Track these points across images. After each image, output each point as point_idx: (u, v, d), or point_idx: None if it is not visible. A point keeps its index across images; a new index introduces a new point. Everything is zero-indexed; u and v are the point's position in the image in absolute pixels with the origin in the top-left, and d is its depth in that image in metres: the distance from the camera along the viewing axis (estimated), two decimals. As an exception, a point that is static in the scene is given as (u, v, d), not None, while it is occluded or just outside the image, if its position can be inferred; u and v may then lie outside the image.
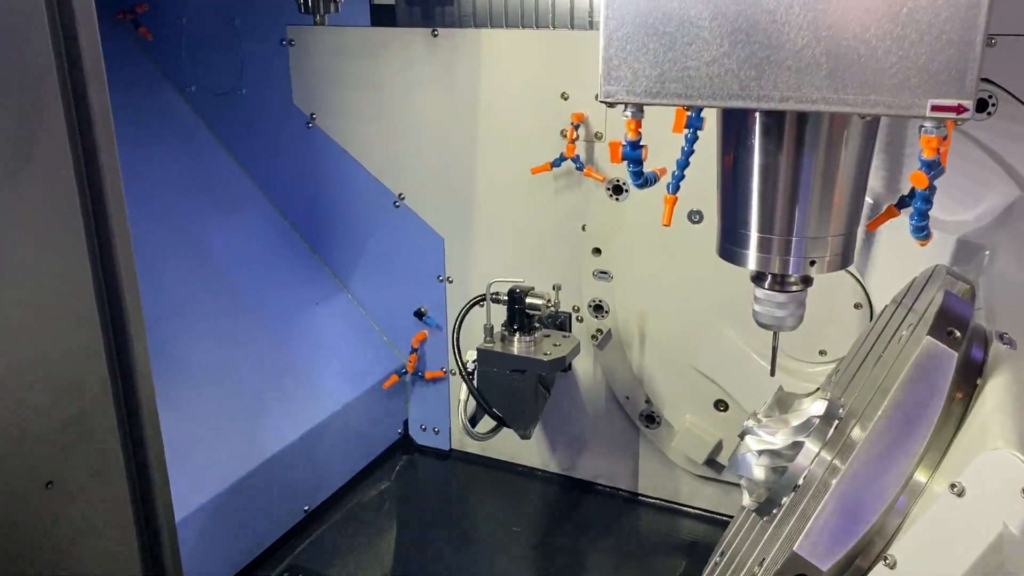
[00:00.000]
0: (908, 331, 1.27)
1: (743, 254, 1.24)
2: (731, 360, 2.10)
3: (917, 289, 1.45)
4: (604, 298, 2.24)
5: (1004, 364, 1.20)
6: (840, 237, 1.21)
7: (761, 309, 1.31)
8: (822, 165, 1.17)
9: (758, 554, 1.35)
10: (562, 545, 2.29)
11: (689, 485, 2.36)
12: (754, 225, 1.22)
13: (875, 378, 1.30)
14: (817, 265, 1.21)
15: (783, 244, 1.21)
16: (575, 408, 2.42)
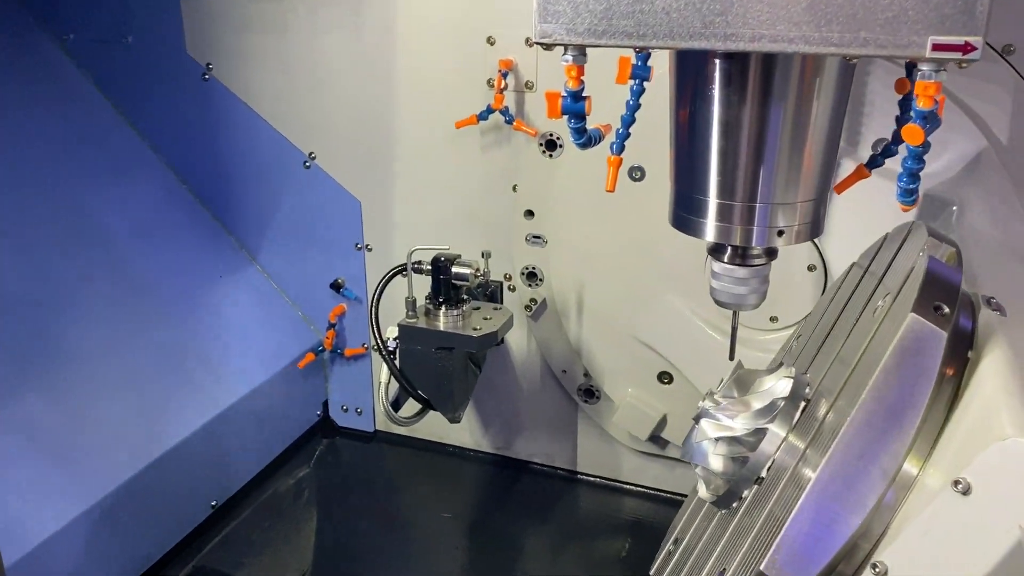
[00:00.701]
0: (886, 302, 1.12)
1: (700, 223, 1.08)
2: (676, 329, 1.95)
3: (890, 251, 1.30)
4: (538, 265, 2.06)
5: (997, 335, 1.05)
6: (810, 203, 1.06)
7: (719, 285, 1.15)
8: (792, 119, 1.02)
9: (719, 559, 1.20)
10: (498, 529, 2.13)
11: (631, 462, 2.22)
12: (713, 190, 1.06)
13: (848, 355, 1.15)
14: (785, 235, 1.06)
15: (746, 212, 1.05)
16: (508, 384, 2.25)
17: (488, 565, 2.02)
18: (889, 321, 1.05)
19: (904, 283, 1.09)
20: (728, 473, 1.24)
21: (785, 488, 1.08)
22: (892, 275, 1.19)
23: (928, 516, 0.90)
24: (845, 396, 1.06)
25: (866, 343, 1.09)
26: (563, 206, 1.97)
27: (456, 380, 1.78)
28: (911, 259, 1.18)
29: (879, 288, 1.21)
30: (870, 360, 1.03)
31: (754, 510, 1.17)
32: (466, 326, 1.77)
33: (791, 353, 1.50)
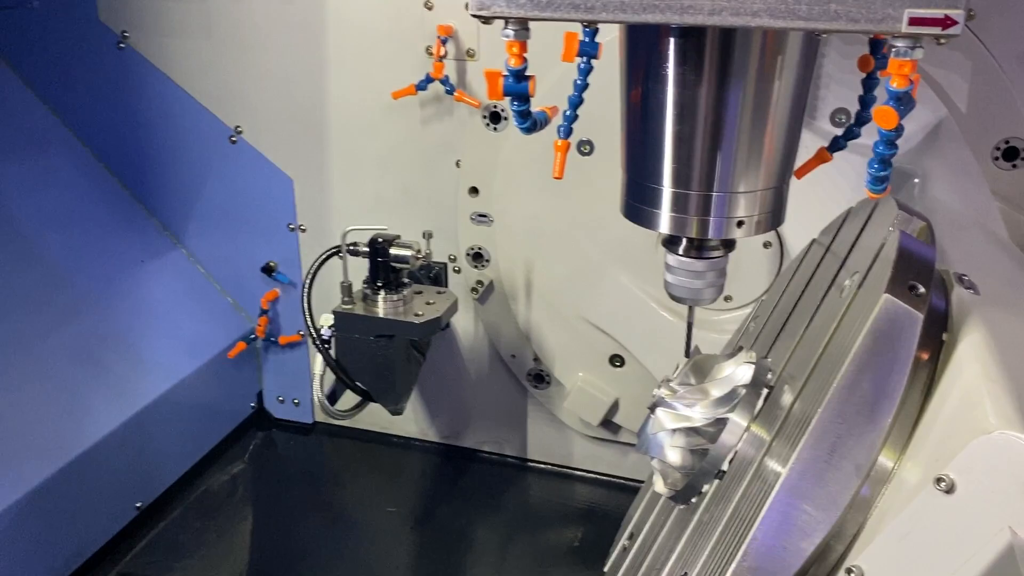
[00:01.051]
0: (854, 280, 1.03)
1: (653, 214, 0.99)
2: (627, 310, 1.86)
3: (855, 226, 1.22)
4: (484, 245, 1.95)
5: (973, 316, 0.98)
6: (771, 191, 0.97)
7: (674, 279, 1.06)
8: (752, 100, 0.93)
9: (680, 560, 1.11)
10: (445, 522, 2.03)
11: (583, 448, 2.13)
12: (667, 178, 0.96)
13: (813, 339, 1.06)
14: (745, 226, 0.97)
15: (703, 201, 0.95)
16: (454, 370, 2.14)
17: (436, 560, 1.92)
18: (859, 302, 0.97)
19: (874, 261, 1.01)
20: (687, 466, 1.16)
21: (751, 484, 0.99)
22: (859, 253, 1.11)
23: (908, 517, 0.82)
24: (813, 384, 0.98)
25: (834, 326, 1.00)
26: (509, 182, 1.86)
27: (398, 370, 1.67)
28: (880, 235, 1.10)
29: (845, 266, 1.13)
30: (839, 345, 0.94)
31: (716, 506, 1.09)
32: (407, 312, 1.65)
33: (749, 335, 1.42)
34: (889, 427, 0.89)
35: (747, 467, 1.05)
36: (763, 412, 1.11)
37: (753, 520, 0.92)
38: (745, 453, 1.09)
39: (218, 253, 2.21)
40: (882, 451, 0.89)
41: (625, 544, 1.46)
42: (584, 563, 1.93)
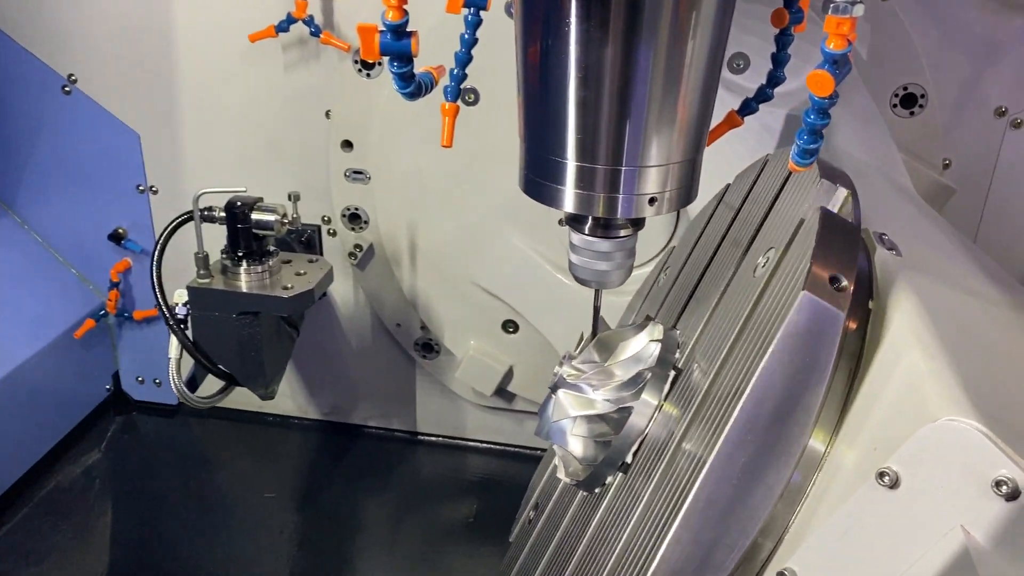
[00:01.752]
0: (770, 259, 0.92)
1: (556, 191, 0.85)
2: (519, 272, 1.73)
3: (771, 188, 1.11)
4: (361, 205, 1.78)
5: (901, 283, 0.89)
6: (686, 164, 0.85)
7: (579, 261, 0.94)
8: (665, 61, 0.80)
9: (587, 555, 1.01)
10: (331, 504, 1.89)
11: (476, 418, 2.02)
12: (571, 151, 0.83)
13: (725, 321, 0.95)
14: (657, 203, 0.85)
15: (610, 177, 0.82)
16: (334, 342, 1.97)
17: (321, 546, 1.78)
18: (776, 288, 0.86)
19: (792, 240, 0.90)
20: (589, 457, 1.05)
21: (661, 487, 0.89)
22: (776, 221, 1.00)
23: (847, 514, 0.72)
24: (727, 377, 0.87)
25: (747, 310, 0.89)
26: (386, 135, 1.69)
27: (266, 350, 1.49)
28: (799, 204, 1.00)
29: (760, 236, 1.02)
30: (755, 338, 0.83)
31: (625, 499, 0.98)
32: (274, 285, 1.47)
33: (654, 299, 1.31)
34: (812, 424, 0.79)
35: (657, 459, 0.95)
36: (673, 398, 1.01)
37: (671, 520, 0.82)
38: (654, 443, 0.98)
39: (57, 220, 1.95)
40: (812, 434, 0.79)
41: (530, 515, 1.36)
42: (482, 536, 1.83)
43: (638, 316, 1.31)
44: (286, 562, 1.73)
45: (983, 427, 0.66)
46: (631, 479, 0.99)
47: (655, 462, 0.94)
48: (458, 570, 1.74)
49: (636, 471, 0.99)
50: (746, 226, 1.09)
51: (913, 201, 1.27)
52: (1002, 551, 0.64)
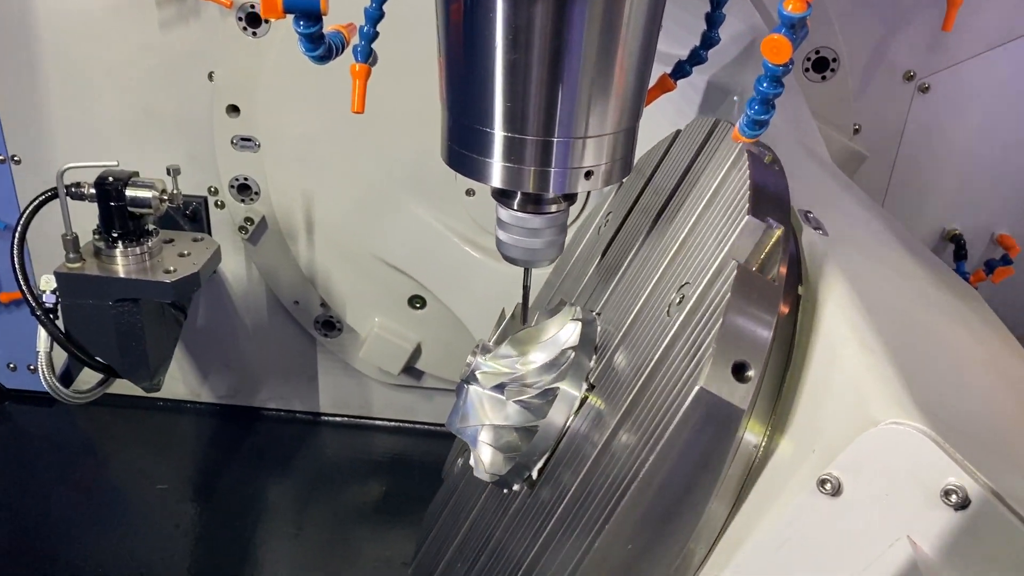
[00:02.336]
0: (684, 300, 0.82)
1: (484, 164, 0.78)
2: (426, 246, 1.65)
3: (685, 157, 1.05)
4: (251, 175, 1.64)
5: (831, 266, 0.85)
6: (624, 133, 0.78)
7: (508, 238, 0.86)
8: (602, 20, 0.72)
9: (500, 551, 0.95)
10: (228, 493, 1.78)
11: (382, 396, 1.93)
12: (499, 120, 0.75)
13: (638, 353, 0.87)
14: (594, 177, 0.77)
15: (542, 149, 0.74)
16: (227, 321, 1.84)
17: (221, 538, 1.67)
18: (684, 346, 0.77)
19: (708, 288, 0.78)
20: (511, 447, 0.98)
21: (593, 474, 0.83)
22: (696, 248, 0.88)
23: (786, 523, 0.68)
24: (625, 436, 0.80)
25: (657, 353, 0.81)
26: (276, 98, 1.55)
27: (149, 339, 1.36)
28: (729, 200, 0.93)
29: (679, 258, 0.92)
30: (654, 410, 0.76)
31: (533, 513, 0.93)
32: (155, 268, 1.33)
33: (573, 277, 1.24)
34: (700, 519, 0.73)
35: (585, 449, 0.89)
36: (599, 381, 0.95)
37: (600, 523, 0.77)
38: (580, 431, 0.93)
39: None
40: (747, 427, 0.74)
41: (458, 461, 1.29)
42: (393, 518, 1.76)
43: (557, 295, 1.25)
44: (184, 557, 1.62)
45: (930, 431, 0.62)
46: (556, 472, 0.93)
47: (584, 452, 0.89)
48: (369, 553, 1.67)
49: (558, 462, 0.93)
50: (671, 200, 1.03)
51: (830, 171, 1.24)
52: (951, 563, 0.61)
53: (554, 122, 0.74)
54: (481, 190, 1.58)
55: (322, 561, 1.64)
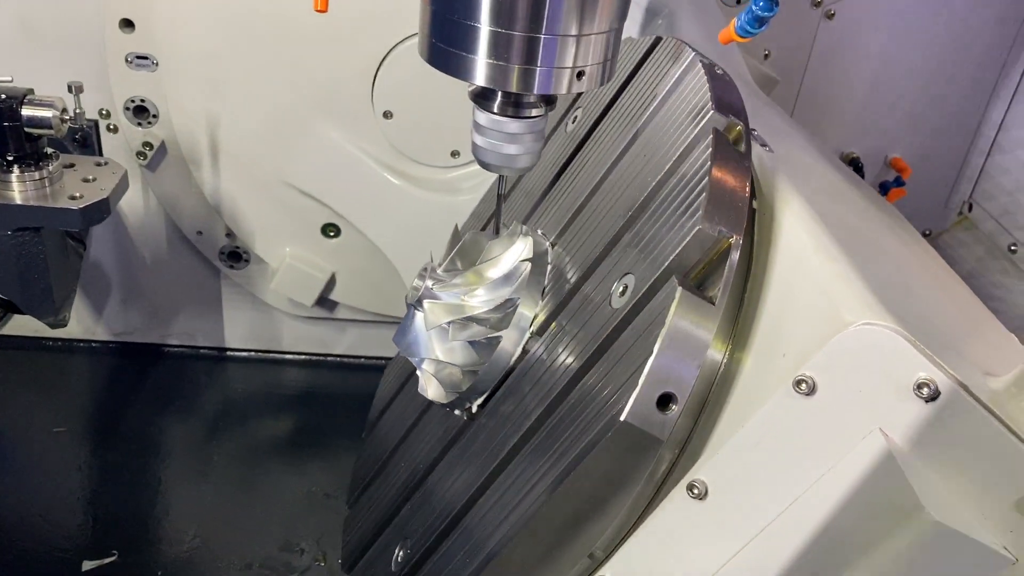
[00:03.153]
0: (624, 291, 0.82)
1: (468, 61, 0.74)
2: (341, 171, 1.59)
3: (649, 85, 1.05)
4: (148, 96, 1.53)
5: (782, 181, 0.88)
6: (612, 33, 0.76)
7: (484, 142, 0.84)
8: None
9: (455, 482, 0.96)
10: (131, 434, 1.70)
11: (293, 329, 1.88)
12: (485, 14, 0.71)
13: (580, 327, 0.88)
14: (586, 78, 0.75)
15: (530, 46, 0.71)
16: (123, 254, 1.74)
17: (127, 479, 1.60)
18: (616, 362, 0.78)
19: (649, 294, 0.78)
20: (471, 362, 0.98)
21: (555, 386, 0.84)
22: (643, 236, 0.87)
23: (761, 423, 0.71)
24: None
25: (593, 348, 0.82)
26: (176, 12, 1.45)
27: (53, 270, 1.26)
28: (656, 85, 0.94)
29: (645, 152, 0.93)
30: (584, 412, 0.79)
31: (513, 407, 0.93)
32: (57, 194, 1.22)
33: (515, 209, 1.23)
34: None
35: (543, 361, 0.90)
36: (552, 293, 0.96)
37: (573, 443, 0.78)
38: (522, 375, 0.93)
39: None
40: (711, 347, 0.77)
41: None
42: (311, 449, 1.73)
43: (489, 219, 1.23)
44: (85, 499, 1.54)
45: (901, 330, 0.66)
46: (514, 389, 0.94)
47: (541, 364, 0.89)
48: (287, 488, 1.64)
49: (521, 375, 0.93)
50: (620, 131, 1.03)
51: (756, 94, 1.28)
52: (920, 450, 0.65)
53: (548, 16, 0.72)
54: (399, 112, 1.54)
55: (237, 497, 1.60)
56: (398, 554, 1.04)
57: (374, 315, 1.81)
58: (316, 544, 1.54)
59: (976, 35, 1.60)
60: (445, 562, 0.91)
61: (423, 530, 0.99)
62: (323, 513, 1.59)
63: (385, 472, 1.22)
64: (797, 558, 0.69)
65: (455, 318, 0.96)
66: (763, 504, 0.71)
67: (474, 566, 0.83)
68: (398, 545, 1.04)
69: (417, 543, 1.00)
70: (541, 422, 0.85)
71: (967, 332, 0.83)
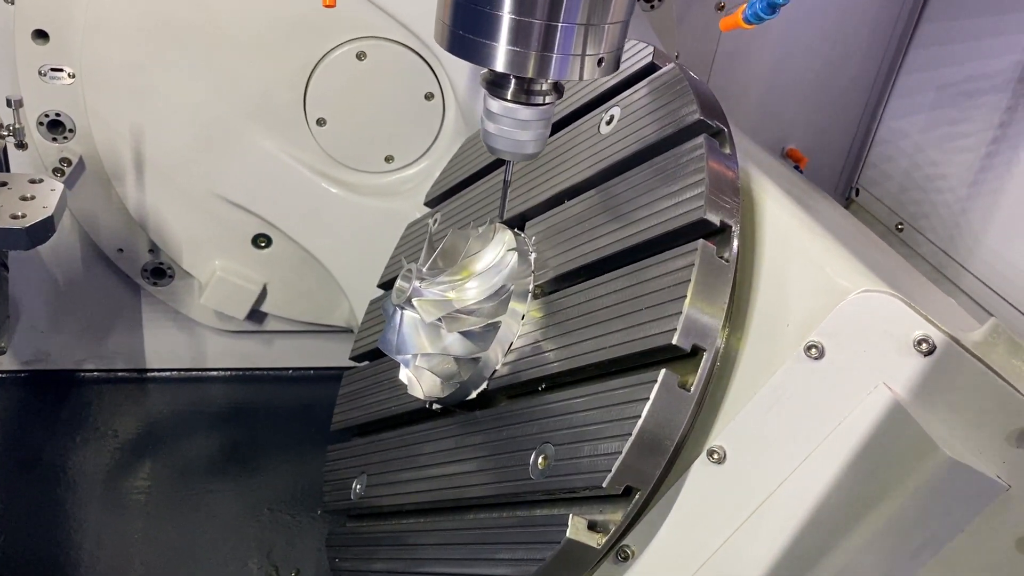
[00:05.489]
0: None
1: (488, 47, 0.76)
2: (272, 179, 1.57)
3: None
4: (65, 109, 1.46)
5: (755, 170, 0.96)
6: (622, 24, 0.81)
7: (496, 129, 0.86)
8: None
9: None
10: (44, 469, 1.60)
11: (218, 345, 1.83)
12: (508, 1, 0.74)
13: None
14: (605, 63, 0.80)
15: (549, 33, 0.75)
16: (32, 276, 1.64)
17: (49, 517, 1.51)
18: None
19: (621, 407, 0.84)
20: (469, 352, 1.01)
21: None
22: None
23: (773, 388, 0.79)
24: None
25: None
26: (95, 22, 1.39)
27: (-10, 295, 1.18)
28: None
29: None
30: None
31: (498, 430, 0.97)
32: (-5, 213, 1.15)
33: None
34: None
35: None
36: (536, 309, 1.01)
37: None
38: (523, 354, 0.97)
39: None
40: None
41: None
42: (245, 465, 1.69)
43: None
44: (4, 549, 1.44)
45: (897, 294, 0.75)
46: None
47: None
48: (224, 508, 1.59)
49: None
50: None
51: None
52: (920, 399, 0.74)
53: (568, 6, 0.74)
54: (333, 119, 1.54)
55: (175, 523, 1.54)
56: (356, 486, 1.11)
57: (305, 325, 1.79)
58: (266, 559, 1.51)
59: (857, 36, 1.77)
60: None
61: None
62: (269, 527, 1.56)
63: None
64: (818, 507, 0.76)
65: (449, 312, 0.99)
66: (781, 461, 0.78)
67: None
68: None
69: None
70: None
71: (925, 293, 0.94)
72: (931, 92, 1.68)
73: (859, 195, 1.89)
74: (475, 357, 1.00)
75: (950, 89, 1.62)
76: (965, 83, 1.58)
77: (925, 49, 1.71)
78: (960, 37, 1.61)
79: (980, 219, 1.49)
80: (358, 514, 1.23)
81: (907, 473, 0.72)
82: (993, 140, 1.49)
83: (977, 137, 1.51)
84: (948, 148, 1.57)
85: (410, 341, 1.04)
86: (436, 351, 1.01)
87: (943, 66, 1.65)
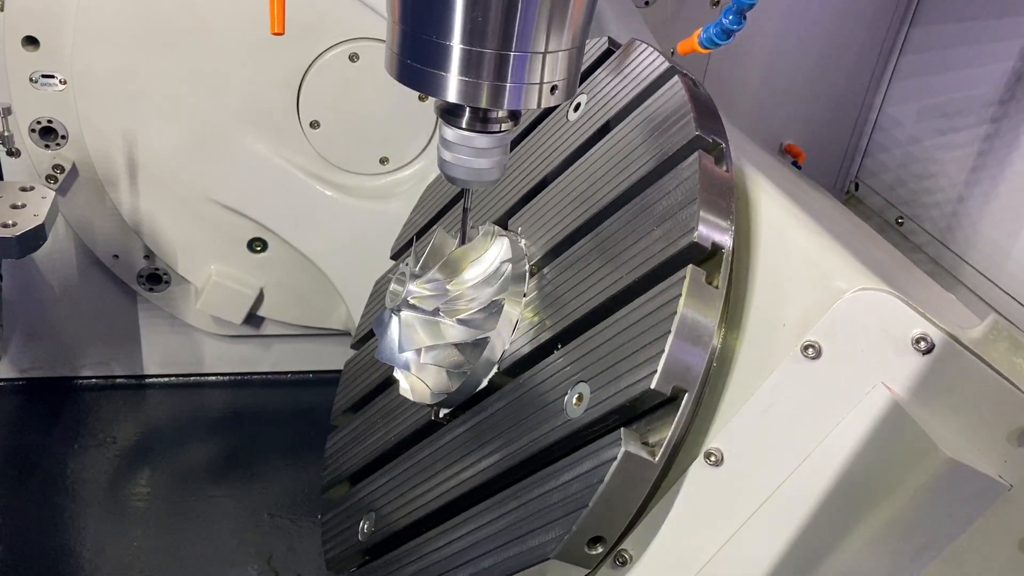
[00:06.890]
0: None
1: (439, 78, 0.74)
2: (267, 184, 1.57)
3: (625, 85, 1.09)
4: (57, 116, 1.45)
5: (749, 167, 0.95)
6: (577, 51, 0.79)
7: (453, 158, 0.84)
8: None
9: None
10: (44, 477, 1.59)
11: (216, 349, 1.82)
12: (457, 32, 0.72)
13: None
14: (559, 91, 0.78)
15: (502, 63, 0.74)
16: (29, 284, 1.63)
17: (48, 524, 1.50)
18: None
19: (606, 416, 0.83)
20: (464, 361, 1.00)
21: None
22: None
23: (771, 389, 0.78)
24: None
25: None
26: (88, 27, 1.38)
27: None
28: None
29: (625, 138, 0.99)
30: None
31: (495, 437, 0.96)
32: (-16, 222, 1.14)
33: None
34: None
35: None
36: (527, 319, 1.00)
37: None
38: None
39: None
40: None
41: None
42: (245, 470, 1.68)
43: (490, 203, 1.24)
44: (3, 558, 1.44)
45: (895, 292, 0.74)
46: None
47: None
48: (223, 514, 1.59)
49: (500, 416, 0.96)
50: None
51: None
52: (919, 398, 0.73)
53: (521, 34, 0.72)
54: (326, 122, 1.53)
55: (175, 530, 1.54)
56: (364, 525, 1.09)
57: (302, 328, 1.78)
58: (267, 564, 1.51)
59: (854, 28, 1.76)
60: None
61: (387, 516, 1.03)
62: (269, 533, 1.56)
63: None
64: (817, 509, 0.75)
65: (442, 321, 0.98)
66: (779, 462, 0.77)
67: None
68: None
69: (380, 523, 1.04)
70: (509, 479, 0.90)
71: (925, 289, 0.93)
72: (927, 85, 1.67)
73: (858, 189, 1.87)
74: (482, 339, 0.98)
75: (947, 79, 1.61)
76: (962, 70, 1.57)
77: (921, 42, 1.70)
78: (957, 29, 1.60)
79: (978, 210, 1.48)
80: (370, 551, 1.14)
81: (907, 474, 0.71)
82: (986, 137, 1.48)
83: (970, 132, 1.51)
84: (942, 143, 1.57)
85: (410, 341, 1.02)
86: (429, 358, 1.00)
87: (939, 57, 1.64)
